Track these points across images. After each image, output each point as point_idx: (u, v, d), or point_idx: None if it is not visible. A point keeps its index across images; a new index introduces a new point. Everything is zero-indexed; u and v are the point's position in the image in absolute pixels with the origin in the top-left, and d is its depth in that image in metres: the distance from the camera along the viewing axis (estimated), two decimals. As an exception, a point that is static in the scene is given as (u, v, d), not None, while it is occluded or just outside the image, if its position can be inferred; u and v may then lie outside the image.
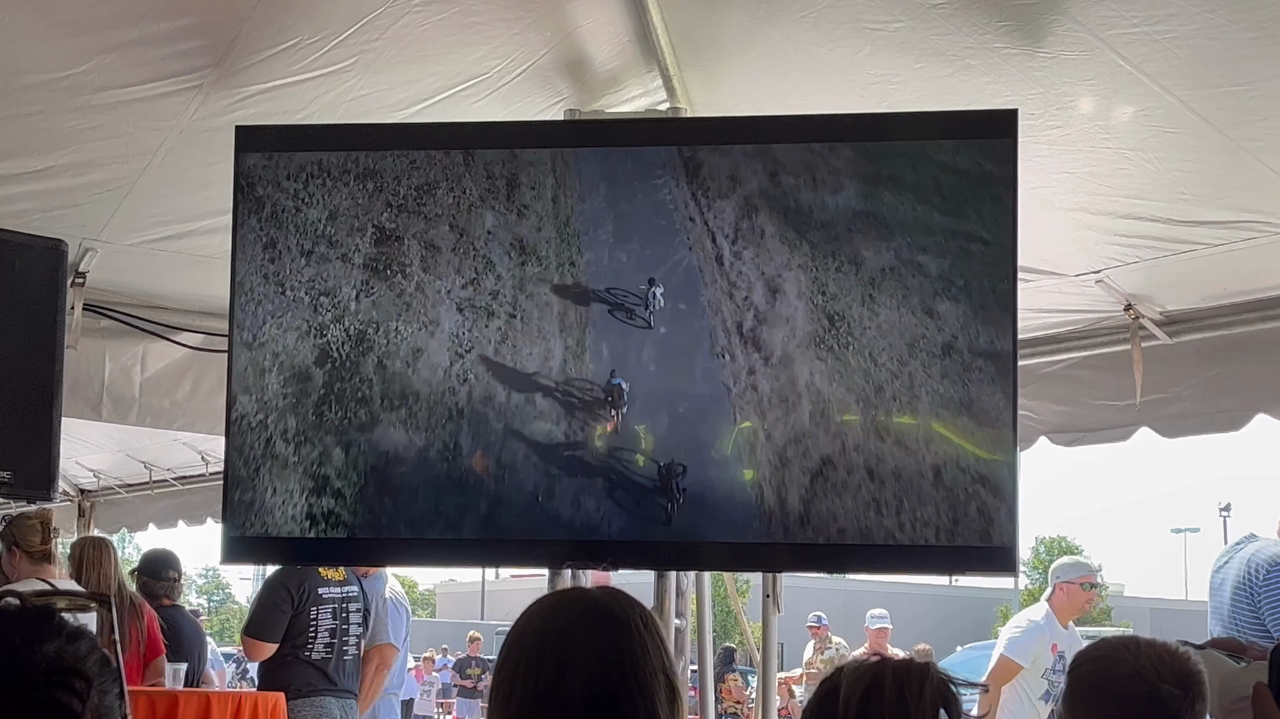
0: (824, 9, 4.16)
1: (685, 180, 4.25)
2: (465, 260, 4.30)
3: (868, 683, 2.17)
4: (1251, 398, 5.18)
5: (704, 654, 4.94)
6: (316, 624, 6.93)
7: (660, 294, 4.22)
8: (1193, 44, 3.89)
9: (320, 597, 6.95)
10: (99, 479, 10.28)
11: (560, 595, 2.48)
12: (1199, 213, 4.63)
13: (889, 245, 4.14)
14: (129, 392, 6.10)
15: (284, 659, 6.93)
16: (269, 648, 6.93)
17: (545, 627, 2.30)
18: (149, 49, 4.26)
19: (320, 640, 6.94)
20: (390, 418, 4.27)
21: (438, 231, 4.31)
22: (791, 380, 4.15)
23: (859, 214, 4.17)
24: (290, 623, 6.91)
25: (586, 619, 2.30)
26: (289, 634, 6.91)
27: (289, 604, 6.90)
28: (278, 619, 6.91)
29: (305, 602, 6.91)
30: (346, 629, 7.05)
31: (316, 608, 6.94)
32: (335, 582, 7.02)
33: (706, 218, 4.23)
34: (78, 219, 5.04)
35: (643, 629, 2.29)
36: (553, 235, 4.29)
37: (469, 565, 24.25)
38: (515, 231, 4.30)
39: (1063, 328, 5.53)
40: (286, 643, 6.93)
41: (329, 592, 6.99)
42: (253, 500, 4.34)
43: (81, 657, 1.77)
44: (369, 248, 4.32)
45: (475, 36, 4.43)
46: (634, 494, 4.22)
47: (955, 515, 4.07)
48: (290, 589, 6.89)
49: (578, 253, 4.28)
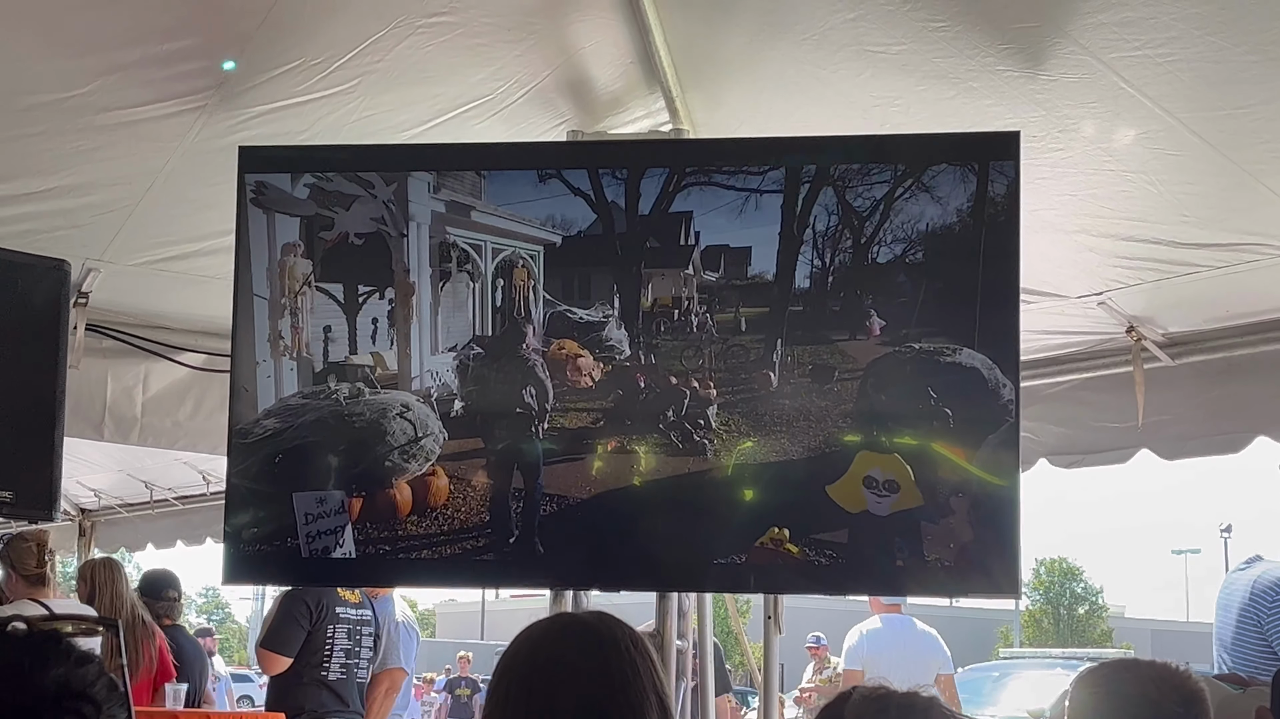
0: (826, 31, 4.17)
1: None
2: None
3: (873, 714, 2.17)
4: (1252, 420, 5.18)
5: (704, 675, 4.93)
6: (333, 643, 6.87)
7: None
8: (1194, 67, 3.89)
9: (338, 616, 6.89)
10: (100, 498, 10.27)
11: (551, 620, 2.52)
12: (1201, 235, 4.63)
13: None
14: (131, 411, 6.10)
15: (300, 679, 6.85)
16: (284, 661, 6.86)
17: (536, 651, 2.33)
18: (152, 70, 4.27)
19: (336, 660, 6.87)
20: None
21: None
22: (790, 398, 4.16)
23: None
24: (307, 639, 6.85)
25: (576, 642, 2.33)
26: (304, 651, 6.84)
27: (307, 619, 6.83)
28: (295, 633, 6.84)
29: (323, 619, 6.84)
30: (359, 652, 7.00)
31: (334, 626, 6.87)
32: (352, 603, 6.98)
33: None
34: (81, 239, 5.05)
35: (632, 650, 2.31)
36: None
37: (475, 586, 24.28)
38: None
39: (1065, 349, 5.53)
40: (302, 660, 6.85)
41: (346, 612, 6.94)
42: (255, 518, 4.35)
43: (90, 681, 1.78)
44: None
45: (478, 58, 4.44)
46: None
47: (958, 537, 4.07)
48: (309, 604, 6.82)
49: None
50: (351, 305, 4.43)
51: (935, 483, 4.09)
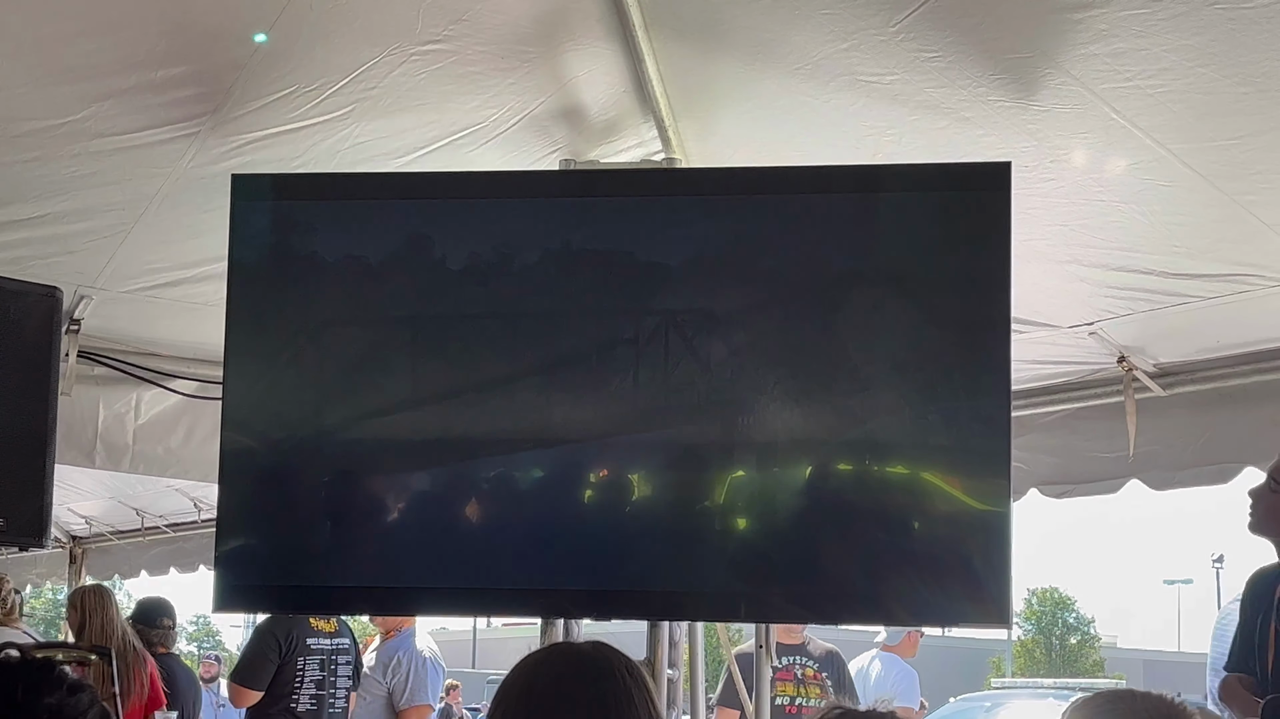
0: (819, 61, 4.18)
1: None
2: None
3: None
4: (1240, 451, 5.18)
5: (696, 705, 4.91)
6: (303, 675, 6.88)
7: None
8: (1186, 98, 3.91)
9: (309, 647, 6.90)
10: (91, 526, 10.25)
11: (546, 651, 2.55)
12: (1192, 265, 4.65)
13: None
14: (123, 439, 6.09)
15: (269, 712, 6.86)
16: (254, 695, 6.89)
17: (532, 682, 2.35)
18: (146, 96, 4.27)
19: (306, 692, 6.88)
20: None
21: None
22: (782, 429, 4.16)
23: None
24: (277, 672, 6.86)
25: (571, 670, 2.35)
26: (275, 683, 6.87)
27: (276, 653, 6.86)
28: (264, 667, 6.87)
29: (293, 651, 6.86)
30: (335, 682, 6.99)
31: (304, 658, 6.89)
32: (325, 633, 6.98)
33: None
34: (73, 266, 5.05)
35: (626, 676, 2.34)
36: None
37: (463, 614, 24.26)
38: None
39: (1056, 379, 5.54)
40: (272, 693, 6.87)
41: (318, 643, 6.94)
42: (246, 546, 4.34)
43: (82, 709, 1.79)
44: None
45: (472, 86, 4.45)
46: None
47: (949, 566, 4.06)
48: (279, 637, 6.85)
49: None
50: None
51: (926, 511, 4.08)
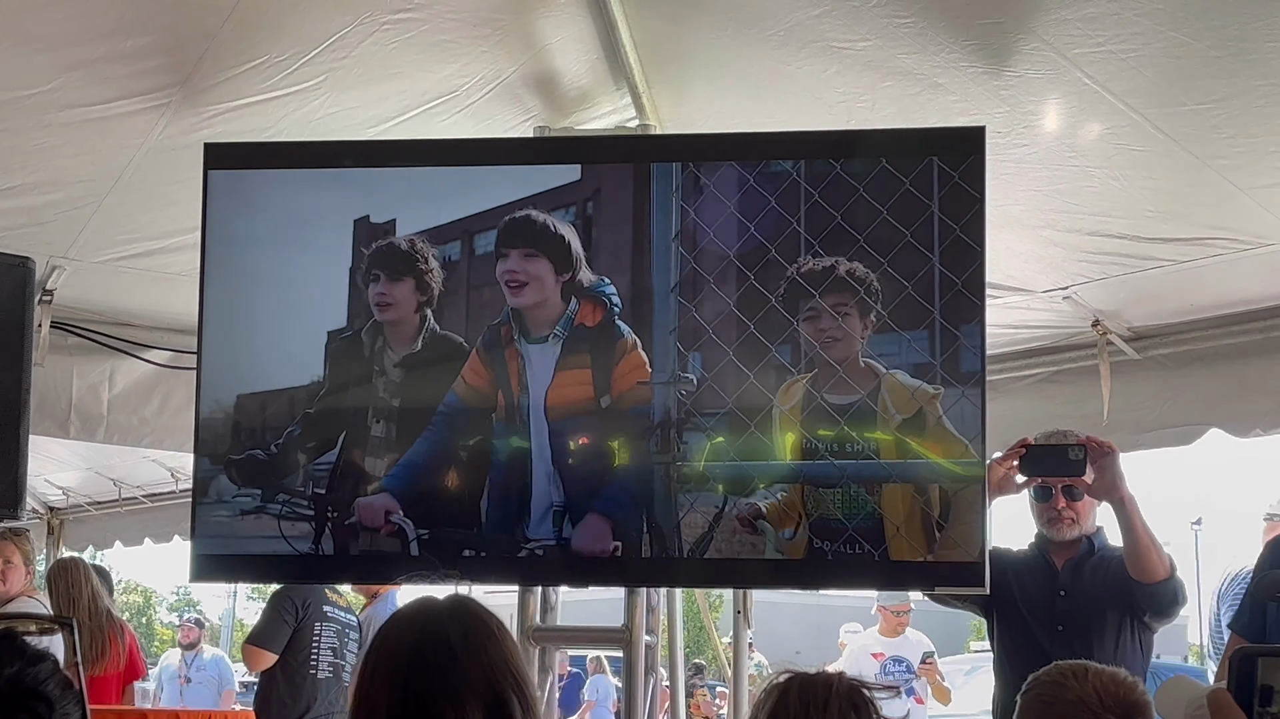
0: (791, 27, 4.17)
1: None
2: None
3: (775, 700, 2.27)
4: (1206, 412, 5.20)
5: (675, 670, 4.94)
6: (320, 640, 6.80)
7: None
8: (1157, 63, 3.91)
9: (325, 614, 6.82)
10: (68, 497, 10.21)
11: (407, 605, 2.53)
12: (1165, 229, 4.65)
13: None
14: (97, 409, 6.06)
15: (288, 676, 6.79)
16: (268, 657, 6.79)
17: (379, 637, 2.39)
18: (116, 66, 4.24)
19: (325, 659, 6.80)
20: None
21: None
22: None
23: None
24: (293, 636, 6.79)
25: (400, 626, 2.38)
26: (291, 649, 6.77)
27: (292, 616, 6.75)
28: (280, 629, 6.78)
29: (309, 616, 6.78)
30: (345, 655, 6.95)
31: (321, 624, 6.79)
32: (340, 606, 6.93)
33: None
34: (45, 237, 5.02)
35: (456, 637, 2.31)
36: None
37: (442, 582, 24.20)
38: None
39: (1031, 343, 5.54)
40: (288, 657, 6.79)
41: (334, 613, 6.86)
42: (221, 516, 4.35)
43: (42, 679, 1.77)
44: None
45: (444, 54, 4.43)
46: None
47: (928, 530, 4.08)
48: (295, 601, 6.76)
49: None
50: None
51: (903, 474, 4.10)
